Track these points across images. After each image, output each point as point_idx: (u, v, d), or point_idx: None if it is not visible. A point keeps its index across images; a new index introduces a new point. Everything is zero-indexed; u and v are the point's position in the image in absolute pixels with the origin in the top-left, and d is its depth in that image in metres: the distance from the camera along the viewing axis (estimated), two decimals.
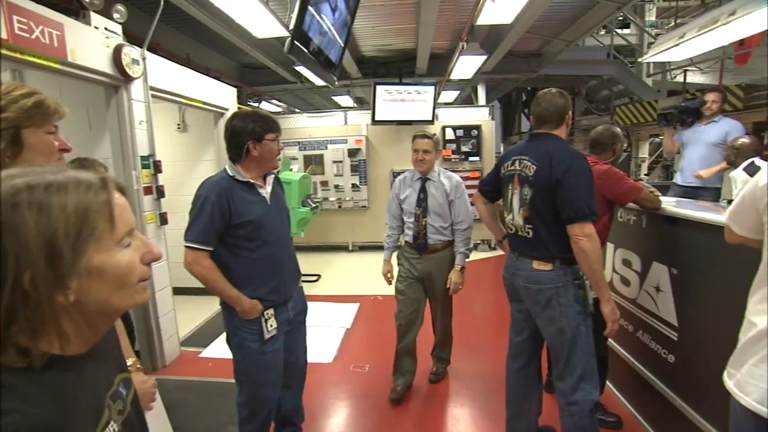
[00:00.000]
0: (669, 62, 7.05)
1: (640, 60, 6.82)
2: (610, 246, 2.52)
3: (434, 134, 2.55)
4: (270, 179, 1.82)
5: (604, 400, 2.32)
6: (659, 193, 2.10)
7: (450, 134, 6.52)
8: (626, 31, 8.23)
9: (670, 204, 2.10)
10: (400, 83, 6.61)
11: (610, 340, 2.38)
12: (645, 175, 7.66)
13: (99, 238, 0.56)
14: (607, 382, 2.41)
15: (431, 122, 6.46)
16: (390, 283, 2.68)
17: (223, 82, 4.23)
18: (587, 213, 1.64)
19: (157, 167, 3.13)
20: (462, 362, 3.02)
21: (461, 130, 6.53)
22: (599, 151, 2.30)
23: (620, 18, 7.54)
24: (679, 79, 7.23)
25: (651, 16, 7.80)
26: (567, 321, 1.74)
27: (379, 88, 6.28)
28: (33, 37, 2.17)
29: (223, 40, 4.74)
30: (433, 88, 6.35)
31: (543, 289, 1.76)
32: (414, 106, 6.39)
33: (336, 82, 4.44)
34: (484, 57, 5.32)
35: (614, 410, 2.35)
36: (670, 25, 7.43)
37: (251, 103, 7.17)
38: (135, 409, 0.75)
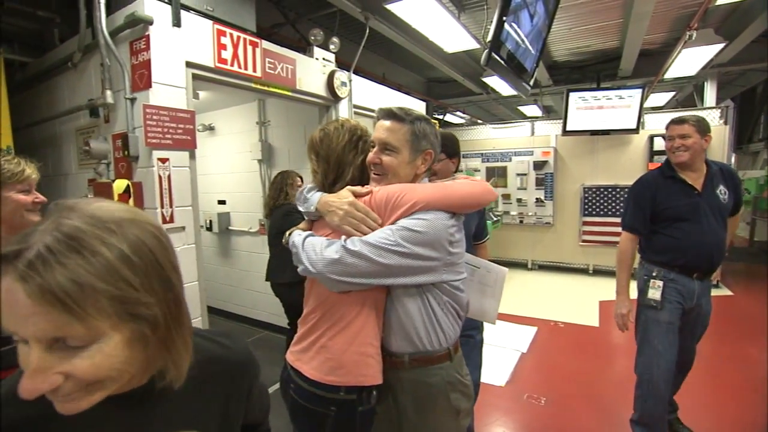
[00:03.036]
0: None
1: None
2: None
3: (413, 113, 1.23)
4: None
5: None
6: None
7: (660, 145, 5.48)
8: None
9: None
10: (598, 88, 5.91)
11: None
12: None
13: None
14: None
15: (635, 131, 5.58)
16: None
17: (412, 96, 4.51)
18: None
19: None
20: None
21: None
22: None
23: None
24: None
25: None
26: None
27: (573, 96, 5.76)
28: (276, 72, 2.72)
29: (414, 57, 5.04)
30: (640, 91, 5.48)
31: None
32: (614, 114, 5.62)
33: (529, 91, 4.22)
34: (721, 46, 4.28)
35: None
36: None
37: (437, 116, 7.46)
38: None
